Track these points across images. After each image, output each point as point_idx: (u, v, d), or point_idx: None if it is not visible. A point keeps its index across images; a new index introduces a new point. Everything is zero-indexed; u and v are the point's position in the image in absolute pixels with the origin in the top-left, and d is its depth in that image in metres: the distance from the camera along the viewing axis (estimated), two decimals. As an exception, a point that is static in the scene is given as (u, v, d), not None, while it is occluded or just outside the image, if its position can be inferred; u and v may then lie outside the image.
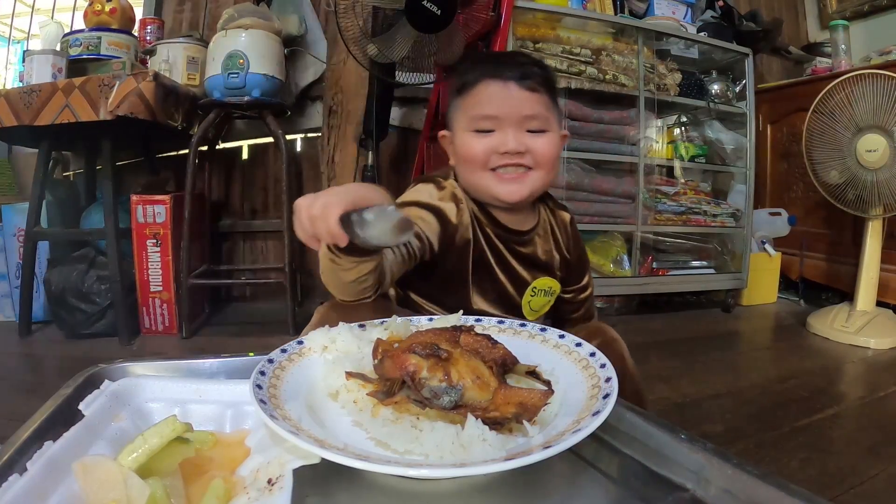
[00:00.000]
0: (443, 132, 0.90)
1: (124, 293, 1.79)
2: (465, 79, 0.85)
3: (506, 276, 0.88)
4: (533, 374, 0.45)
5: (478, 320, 0.58)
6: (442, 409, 0.41)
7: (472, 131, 0.83)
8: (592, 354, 0.47)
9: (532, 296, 0.90)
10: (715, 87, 2.42)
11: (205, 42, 2.04)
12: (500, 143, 0.81)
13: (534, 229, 0.90)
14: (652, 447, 0.41)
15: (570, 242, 0.96)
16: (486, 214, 0.86)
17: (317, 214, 0.55)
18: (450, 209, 0.83)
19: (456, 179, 0.88)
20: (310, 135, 2.47)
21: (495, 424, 0.39)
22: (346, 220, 0.54)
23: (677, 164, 2.45)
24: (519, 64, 0.84)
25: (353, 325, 0.55)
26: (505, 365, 0.45)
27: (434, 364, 0.42)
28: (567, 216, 0.97)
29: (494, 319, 0.58)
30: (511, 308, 0.89)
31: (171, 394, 0.47)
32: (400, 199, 0.83)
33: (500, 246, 0.87)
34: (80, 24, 2.11)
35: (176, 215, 1.87)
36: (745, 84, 2.44)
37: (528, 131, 0.82)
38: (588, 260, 1.01)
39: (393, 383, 0.43)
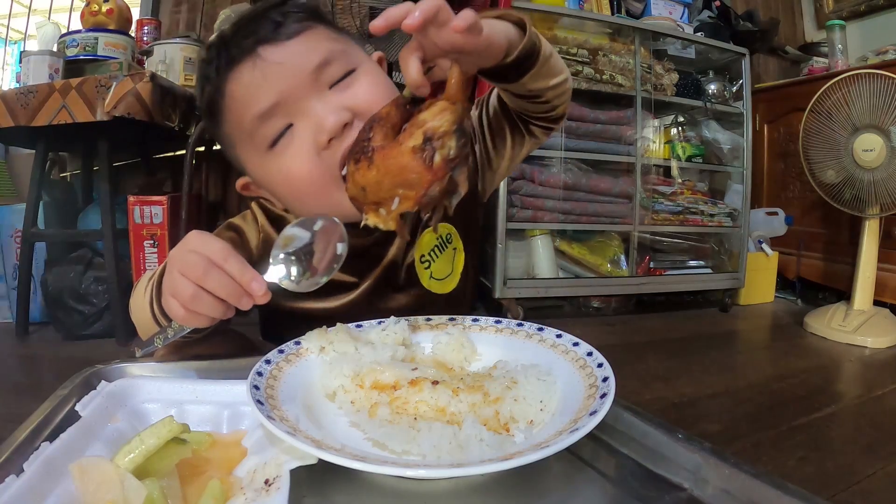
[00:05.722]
0: (243, 180, 0.68)
1: (121, 294, 1.78)
2: (207, 92, 0.61)
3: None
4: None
5: (475, 320, 0.58)
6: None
7: (269, 148, 0.59)
8: (590, 354, 0.47)
9: (427, 268, 0.71)
10: (712, 87, 2.43)
11: (202, 43, 2.04)
12: (315, 128, 0.57)
13: None
14: (649, 447, 0.41)
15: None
16: None
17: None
18: (249, 231, 0.69)
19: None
20: (307, 135, 2.46)
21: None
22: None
23: (674, 164, 2.45)
24: (258, 18, 0.59)
25: (349, 325, 0.55)
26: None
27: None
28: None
29: (492, 319, 0.58)
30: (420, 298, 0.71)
31: (168, 394, 0.46)
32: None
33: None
34: (76, 24, 2.10)
35: (173, 216, 1.86)
36: (741, 84, 2.44)
37: (336, 86, 0.59)
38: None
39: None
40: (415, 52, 0.47)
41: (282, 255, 0.51)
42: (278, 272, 0.50)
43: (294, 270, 0.50)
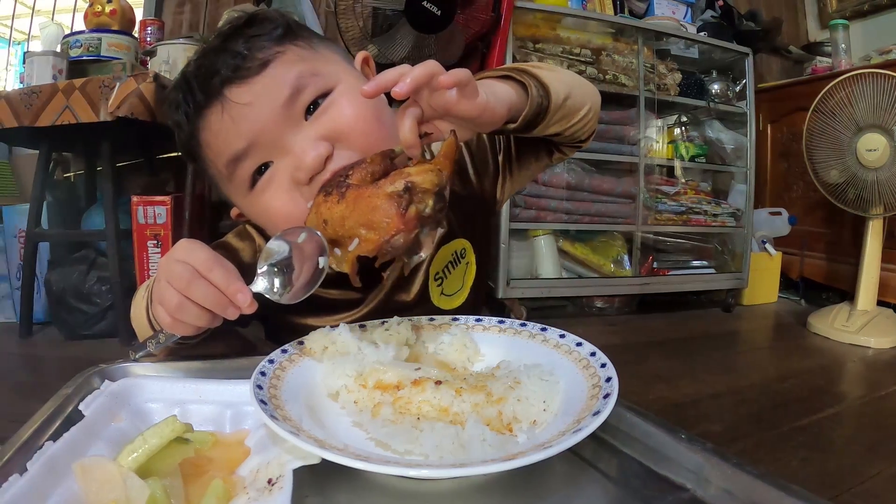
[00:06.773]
0: (236, 210, 0.66)
1: (125, 294, 1.79)
2: (181, 140, 0.61)
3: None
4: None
5: (478, 320, 0.58)
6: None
7: (249, 188, 0.58)
8: (593, 354, 0.47)
9: (439, 285, 0.70)
10: (715, 87, 2.42)
11: (205, 43, 2.04)
12: (294, 166, 0.55)
13: None
14: (652, 447, 0.40)
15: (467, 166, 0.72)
16: None
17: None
18: (243, 249, 0.67)
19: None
20: (310, 135, 2.47)
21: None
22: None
23: (677, 164, 2.45)
24: (220, 53, 0.56)
25: (353, 325, 0.55)
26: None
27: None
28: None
29: (495, 319, 0.58)
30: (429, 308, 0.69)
31: (171, 394, 0.47)
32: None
33: None
34: (80, 25, 2.11)
35: (176, 216, 1.87)
36: (745, 84, 2.44)
37: (309, 110, 0.56)
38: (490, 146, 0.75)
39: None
40: (412, 111, 0.48)
41: (265, 267, 0.51)
42: (263, 283, 0.50)
43: (277, 282, 0.50)
